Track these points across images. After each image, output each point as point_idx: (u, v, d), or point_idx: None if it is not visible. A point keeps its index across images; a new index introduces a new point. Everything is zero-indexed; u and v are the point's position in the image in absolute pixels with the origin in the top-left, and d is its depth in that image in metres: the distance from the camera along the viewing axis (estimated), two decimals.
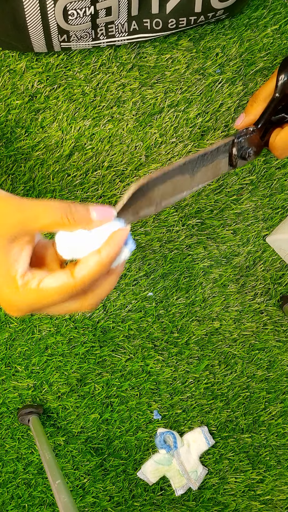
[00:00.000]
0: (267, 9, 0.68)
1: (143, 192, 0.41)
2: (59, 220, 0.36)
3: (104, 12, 0.59)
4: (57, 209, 0.36)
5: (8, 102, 0.68)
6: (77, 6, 0.58)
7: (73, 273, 0.36)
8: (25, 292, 0.37)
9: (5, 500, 0.82)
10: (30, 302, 0.37)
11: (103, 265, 0.36)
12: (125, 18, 0.62)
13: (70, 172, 0.70)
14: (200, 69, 0.69)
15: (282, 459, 0.82)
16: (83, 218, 0.37)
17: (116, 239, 0.37)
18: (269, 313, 0.78)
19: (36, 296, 0.36)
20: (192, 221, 0.74)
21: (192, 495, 0.82)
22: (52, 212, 0.36)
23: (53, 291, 0.36)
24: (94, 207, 0.37)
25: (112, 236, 0.37)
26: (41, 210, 0.36)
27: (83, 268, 0.36)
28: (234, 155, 0.51)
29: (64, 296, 0.36)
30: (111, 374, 0.78)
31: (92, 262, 0.36)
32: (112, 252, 0.37)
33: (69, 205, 0.36)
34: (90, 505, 0.82)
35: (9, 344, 0.76)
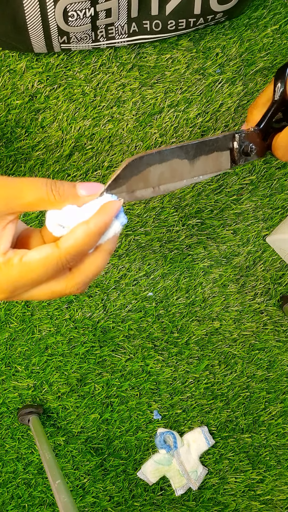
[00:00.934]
0: (267, 9, 0.68)
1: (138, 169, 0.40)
2: (44, 196, 0.35)
3: (104, 13, 0.59)
4: (42, 185, 0.35)
5: (8, 102, 0.68)
6: (77, 7, 0.58)
7: (57, 244, 0.35)
8: (6, 269, 0.35)
9: (5, 500, 0.82)
10: (12, 278, 0.35)
11: (90, 235, 0.34)
12: (125, 20, 0.62)
13: (70, 172, 0.70)
14: (200, 69, 0.69)
15: (282, 459, 0.82)
16: (70, 194, 0.35)
17: (107, 210, 0.35)
18: (269, 313, 0.78)
19: (19, 270, 0.34)
20: (192, 221, 0.74)
21: (192, 495, 0.82)
22: (37, 188, 0.34)
23: (37, 263, 0.34)
24: (81, 183, 0.36)
25: (103, 207, 0.35)
26: (25, 186, 0.34)
27: (69, 237, 0.34)
28: (235, 149, 0.50)
29: (48, 269, 0.34)
30: (111, 374, 0.78)
31: (79, 232, 0.34)
32: (101, 222, 0.35)
33: (54, 181, 0.35)
34: (90, 505, 0.82)
35: (9, 344, 0.76)
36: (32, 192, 0.34)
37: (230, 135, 0.49)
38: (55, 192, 0.35)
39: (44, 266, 0.34)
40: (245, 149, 0.50)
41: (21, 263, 0.34)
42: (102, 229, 0.35)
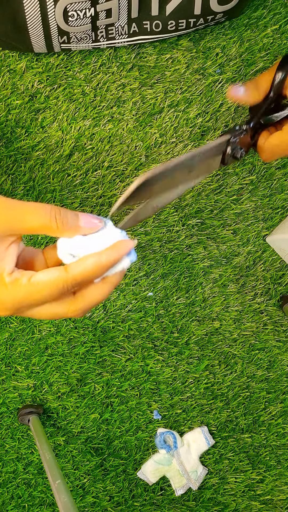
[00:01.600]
0: (267, 9, 0.68)
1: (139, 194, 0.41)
2: (47, 223, 0.35)
3: (104, 14, 0.59)
4: (46, 212, 0.35)
5: (8, 102, 0.68)
6: (77, 7, 0.58)
7: (66, 268, 0.36)
8: (13, 288, 0.35)
9: (5, 500, 0.82)
10: (19, 298, 0.36)
11: (99, 267, 0.36)
12: (125, 20, 0.62)
13: (70, 172, 0.70)
14: (200, 69, 0.69)
15: (282, 459, 0.82)
16: (72, 224, 0.36)
17: (121, 248, 0.36)
18: (269, 313, 0.78)
19: (26, 291, 0.35)
20: (192, 221, 0.74)
21: (192, 495, 0.82)
22: (40, 215, 0.35)
23: (44, 284, 0.35)
24: (82, 215, 0.37)
25: (117, 244, 0.37)
26: (30, 211, 0.35)
27: (79, 265, 0.36)
28: (227, 153, 0.52)
29: (54, 291, 0.35)
30: (111, 374, 0.78)
31: (89, 261, 0.36)
32: (113, 257, 0.36)
33: (59, 209, 0.36)
34: (90, 505, 0.82)
35: (9, 344, 0.76)
36: (36, 218, 0.35)
37: (225, 141, 0.51)
38: (59, 221, 0.35)
39: (51, 288, 0.35)
40: (235, 154, 0.52)
41: (29, 283, 0.35)
42: (112, 263, 0.36)
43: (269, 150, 0.58)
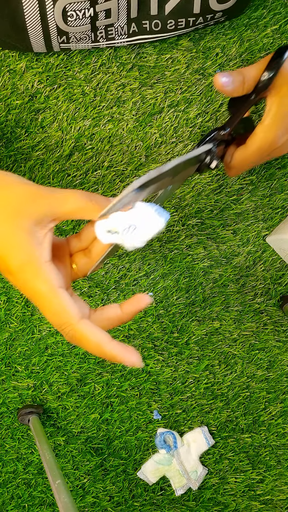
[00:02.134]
0: (267, 9, 0.68)
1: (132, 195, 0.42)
2: (85, 205, 0.39)
3: (104, 14, 0.59)
4: (82, 195, 0.39)
5: (8, 102, 0.68)
6: (76, 7, 0.58)
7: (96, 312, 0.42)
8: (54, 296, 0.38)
9: (5, 500, 0.82)
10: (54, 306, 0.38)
11: (119, 321, 0.42)
12: (124, 21, 0.62)
13: (70, 172, 0.70)
14: (200, 69, 0.69)
15: (282, 459, 0.82)
16: (104, 204, 0.40)
17: (140, 303, 0.41)
18: (269, 313, 0.78)
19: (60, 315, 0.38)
20: (192, 221, 0.74)
21: (192, 495, 0.82)
22: (77, 198, 0.39)
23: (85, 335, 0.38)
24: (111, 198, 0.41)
25: (138, 298, 0.42)
26: (69, 195, 0.39)
27: (103, 313, 0.42)
28: (204, 162, 0.52)
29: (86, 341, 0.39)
30: (111, 374, 0.78)
31: (111, 312, 0.42)
32: (133, 312, 0.42)
33: (91, 193, 0.40)
34: (90, 505, 0.82)
35: (9, 344, 0.76)
36: (75, 201, 0.39)
37: (207, 151, 0.51)
38: (94, 202, 0.39)
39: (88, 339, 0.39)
40: (211, 165, 0.52)
41: (75, 327, 0.39)
42: (130, 317, 0.42)
43: (234, 166, 0.58)
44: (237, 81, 0.52)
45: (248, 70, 0.53)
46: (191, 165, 0.49)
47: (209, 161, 0.52)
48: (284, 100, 0.52)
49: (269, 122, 0.53)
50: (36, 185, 0.40)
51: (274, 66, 0.51)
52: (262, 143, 0.54)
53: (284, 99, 0.52)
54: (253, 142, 0.55)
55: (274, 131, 0.54)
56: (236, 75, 0.52)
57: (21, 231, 0.38)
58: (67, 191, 0.39)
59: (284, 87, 0.52)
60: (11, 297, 0.74)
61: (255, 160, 0.56)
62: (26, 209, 0.38)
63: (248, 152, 0.55)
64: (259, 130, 0.54)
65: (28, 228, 0.38)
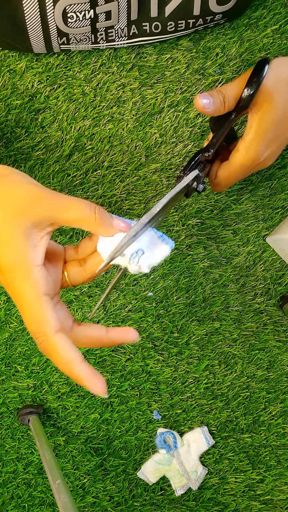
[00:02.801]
0: (267, 9, 0.68)
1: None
2: (87, 217, 0.38)
3: (104, 16, 0.59)
4: (87, 206, 0.38)
5: (8, 102, 0.68)
6: (77, 9, 0.58)
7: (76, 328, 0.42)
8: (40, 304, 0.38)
9: (5, 500, 0.82)
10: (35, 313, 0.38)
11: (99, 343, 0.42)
12: (124, 23, 0.62)
13: (70, 172, 0.70)
14: (200, 69, 0.69)
15: (282, 459, 0.82)
16: (107, 222, 0.39)
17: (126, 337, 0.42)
18: (269, 313, 0.78)
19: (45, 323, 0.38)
20: (192, 221, 0.74)
21: (192, 495, 0.82)
22: (82, 208, 0.38)
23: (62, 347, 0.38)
24: (115, 216, 0.40)
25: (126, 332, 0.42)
26: (72, 204, 0.38)
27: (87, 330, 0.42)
28: (192, 187, 0.52)
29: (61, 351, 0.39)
30: (111, 374, 0.78)
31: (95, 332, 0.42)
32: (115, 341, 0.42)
33: (99, 207, 0.39)
34: (90, 505, 0.82)
35: (9, 344, 0.76)
36: (78, 210, 0.38)
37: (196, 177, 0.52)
38: (98, 215, 0.39)
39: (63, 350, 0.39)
40: (198, 188, 0.53)
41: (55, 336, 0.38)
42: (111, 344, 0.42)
43: (219, 183, 0.59)
44: (218, 101, 0.52)
45: (228, 88, 0.52)
46: (180, 196, 0.50)
47: (196, 186, 0.52)
48: (265, 116, 0.52)
49: (250, 138, 0.54)
50: (42, 187, 0.39)
51: (254, 83, 0.51)
52: (244, 159, 0.55)
53: (265, 115, 0.52)
54: (236, 159, 0.55)
55: (256, 147, 0.54)
56: (217, 95, 0.52)
57: (18, 231, 0.37)
58: (71, 200, 0.38)
59: (265, 103, 0.52)
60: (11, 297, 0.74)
61: (239, 175, 0.57)
62: (26, 209, 0.38)
63: (232, 168, 0.56)
64: (241, 147, 0.55)
65: (25, 229, 0.37)
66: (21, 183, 0.39)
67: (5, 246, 0.38)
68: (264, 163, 0.57)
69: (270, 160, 0.57)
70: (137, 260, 0.40)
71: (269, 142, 0.54)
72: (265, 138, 0.53)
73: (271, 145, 0.55)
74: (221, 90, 0.52)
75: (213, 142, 0.53)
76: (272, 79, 0.51)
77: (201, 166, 0.54)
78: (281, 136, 0.55)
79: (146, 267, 0.41)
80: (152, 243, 0.42)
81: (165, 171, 0.72)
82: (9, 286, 0.38)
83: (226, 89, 0.52)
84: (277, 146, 0.56)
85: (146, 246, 0.41)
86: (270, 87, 0.51)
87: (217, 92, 0.52)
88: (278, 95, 0.52)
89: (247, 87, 0.51)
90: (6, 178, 0.39)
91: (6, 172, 0.40)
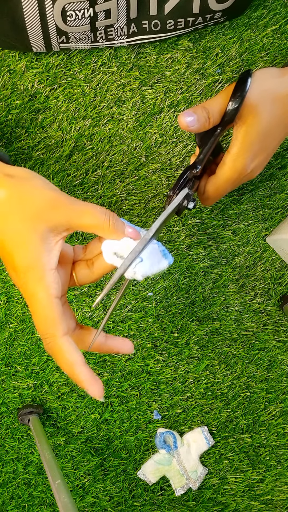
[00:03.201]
0: (267, 9, 0.68)
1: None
2: (100, 223, 0.40)
3: (103, 14, 0.59)
4: (102, 213, 0.40)
5: (8, 102, 0.68)
6: (76, 7, 0.58)
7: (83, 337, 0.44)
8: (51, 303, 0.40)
9: (5, 500, 0.82)
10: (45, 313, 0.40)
11: (98, 350, 0.45)
12: (124, 21, 0.62)
13: (70, 172, 0.70)
14: (200, 69, 0.69)
15: (282, 459, 0.82)
16: (120, 229, 0.41)
17: (120, 347, 0.44)
18: (269, 313, 0.78)
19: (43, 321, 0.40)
20: (192, 221, 0.74)
21: (192, 495, 0.82)
22: (97, 215, 0.40)
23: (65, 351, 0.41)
24: (128, 224, 0.43)
25: (123, 343, 0.44)
26: (89, 210, 0.40)
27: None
28: (182, 205, 0.53)
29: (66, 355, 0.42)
30: (111, 374, 0.78)
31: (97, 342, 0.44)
32: (112, 348, 0.45)
33: (113, 214, 0.41)
34: (90, 505, 0.82)
35: (9, 344, 0.76)
36: (93, 217, 0.40)
37: (186, 195, 0.52)
38: (111, 223, 0.41)
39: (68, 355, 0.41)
40: (189, 206, 0.53)
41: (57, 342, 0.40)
42: (108, 352, 0.45)
43: (208, 198, 0.59)
44: (202, 117, 0.52)
45: (212, 103, 0.52)
46: (172, 215, 0.50)
47: (186, 204, 0.53)
48: (250, 129, 0.53)
49: (236, 151, 0.54)
50: (59, 192, 0.41)
51: (238, 96, 0.51)
52: (231, 172, 0.55)
53: (250, 128, 0.53)
54: (223, 172, 0.56)
55: (242, 160, 0.54)
56: (201, 112, 0.52)
57: (35, 234, 0.39)
58: (87, 206, 0.40)
59: (250, 116, 0.52)
60: (11, 297, 0.74)
61: (227, 188, 0.58)
62: (44, 214, 0.39)
63: (219, 182, 0.56)
64: (227, 160, 0.55)
65: (42, 233, 0.39)
66: (41, 188, 0.40)
67: (22, 248, 0.39)
68: (251, 175, 0.58)
69: (256, 171, 0.58)
70: (133, 266, 0.42)
71: (255, 154, 0.55)
72: (250, 150, 0.54)
73: (257, 157, 0.55)
74: (205, 106, 0.52)
75: (200, 159, 0.54)
76: (256, 92, 0.52)
77: (190, 184, 0.54)
78: (267, 147, 0.55)
79: (140, 276, 0.42)
80: (152, 255, 0.43)
81: (165, 171, 0.72)
82: (23, 286, 0.40)
83: (210, 105, 0.52)
84: (263, 158, 0.56)
85: (146, 256, 0.42)
86: (254, 99, 0.52)
87: (201, 109, 0.52)
88: (263, 107, 0.52)
89: (231, 101, 0.51)
90: (27, 182, 0.41)
91: (28, 175, 0.41)
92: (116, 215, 0.42)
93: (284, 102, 0.53)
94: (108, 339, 0.44)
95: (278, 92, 0.52)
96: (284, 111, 0.53)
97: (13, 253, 0.40)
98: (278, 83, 0.52)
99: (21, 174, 0.41)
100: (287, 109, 0.53)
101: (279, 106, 0.52)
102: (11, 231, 0.39)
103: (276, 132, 0.54)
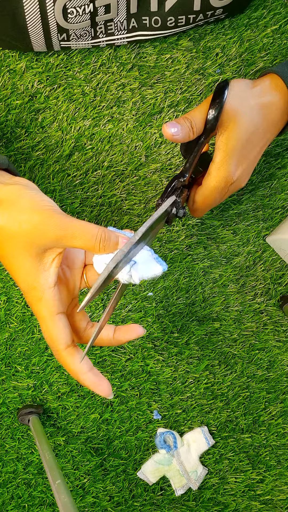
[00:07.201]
0: (267, 9, 0.68)
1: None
2: (91, 245, 0.41)
3: (103, 9, 0.59)
4: (92, 235, 0.41)
5: (8, 102, 0.68)
6: (76, 4, 0.58)
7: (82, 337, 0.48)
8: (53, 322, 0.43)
9: (5, 500, 0.82)
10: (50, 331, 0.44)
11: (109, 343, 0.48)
12: (124, 16, 0.62)
13: (70, 172, 0.70)
14: (200, 69, 0.69)
15: (282, 459, 0.82)
16: (111, 246, 0.42)
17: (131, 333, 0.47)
18: (269, 313, 0.78)
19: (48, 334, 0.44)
20: (192, 221, 0.74)
21: (192, 495, 0.82)
22: (87, 237, 0.40)
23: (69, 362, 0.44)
24: (122, 237, 0.43)
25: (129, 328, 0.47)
26: (78, 232, 0.40)
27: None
28: (171, 213, 0.53)
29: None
30: (111, 374, 0.78)
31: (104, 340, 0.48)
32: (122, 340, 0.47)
33: (105, 232, 0.41)
34: (90, 505, 0.82)
35: (9, 344, 0.76)
36: (83, 240, 0.40)
37: (172, 202, 0.53)
38: (102, 245, 0.41)
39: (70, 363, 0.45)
40: (179, 214, 0.54)
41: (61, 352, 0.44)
42: (119, 343, 0.48)
43: (197, 209, 0.60)
44: (186, 127, 0.53)
45: (195, 113, 0.54)
46: (160, 222, 0.50)
47: (176, 212, 0.53)
48: (231, 135, 0.53)
49: (219, 159, 0.55)
50: (47, 212, 0.41)
51: (217, 103, 0.52)
52: (216, 181, 0.55)
53: (231, 134, 0.53)
54: (209, 182, 0.56)
55: (226, 167, 0.55)
56: (184, 122, 0.53)
57: (30, 257, 0.41)
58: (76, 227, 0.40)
59: (230, 123, 0.53)
60: (11, 297, 0.74)
61: (216, 198, 0.58)
62: (35, 239, 0.40)
63: (206, 192, 0.57)
64: (212, 169, 0.56)
65: (36, 255, 0.41)
66: (30, 211, 0.41)
67: (20, 272, 0.42)
68: (239, 183, 0.58)
69: (243, 179, 0.58)
70: (128, 269, 0.42)
71: (238, 161, 0.55)
72: (233, 157, 0.54)
73: (241, 164, 0.56)
74: (187, 117, 0.54)
75: (186, 168, 0.55)
76: (235, 99, 0.53)
77: (178, 192, 0.55)
78: (250, 153, 0.56)
79: (137, 278, 0.43)
80: (146, 260, 0.44)
81: (165, 171, 0.72)
82: (30, 305, 0.43)
83: (192, 115, 0.54)
84: (247, 164, 0.57)
85: (140, 261, 0.43)
86: (234, 106, 0.53)
87: (184, 119, 0.53)
88: (242, 114, 0.53)
89: (211, 109, 0.52)
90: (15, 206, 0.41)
91: (16, 197, 0.41)
92: (108, 230, 0.42)
93: (259, 110, 0.54)
94: (116, 332, 0.47)
95: (253, 101, 0.54)
96: (262, 118, 0.54)
97: (15, 276, 0.42)
98: (250, 93, 0.54)
99: (9, 196, 0.41)
100: (263, 117, 0.54)
101: (256, 113, 0.54)
102: (8, 257, 0.41)
103: (256, 140, 0.55)
